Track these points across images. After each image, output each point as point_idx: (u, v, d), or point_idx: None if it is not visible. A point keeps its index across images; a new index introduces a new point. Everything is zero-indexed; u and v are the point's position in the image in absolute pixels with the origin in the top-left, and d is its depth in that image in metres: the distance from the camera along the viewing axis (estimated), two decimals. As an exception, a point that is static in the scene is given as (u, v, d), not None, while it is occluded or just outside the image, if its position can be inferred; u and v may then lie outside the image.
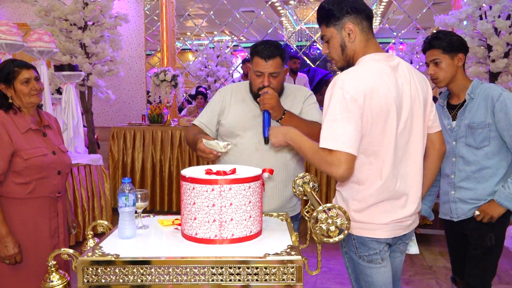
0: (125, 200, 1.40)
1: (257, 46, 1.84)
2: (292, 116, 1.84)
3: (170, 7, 6.67)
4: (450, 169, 1.98)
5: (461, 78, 1.94)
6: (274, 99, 1.77)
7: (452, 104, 2.01)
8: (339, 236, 1.22)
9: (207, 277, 1.24)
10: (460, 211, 1.98)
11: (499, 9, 3.64)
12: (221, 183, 1.33)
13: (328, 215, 1.22)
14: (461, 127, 1.94)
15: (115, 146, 4.79)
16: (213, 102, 2.00)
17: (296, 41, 10.47)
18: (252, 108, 1.92)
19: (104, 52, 4.74)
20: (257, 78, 1.84)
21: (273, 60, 1.80)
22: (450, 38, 1.89)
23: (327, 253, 3.53)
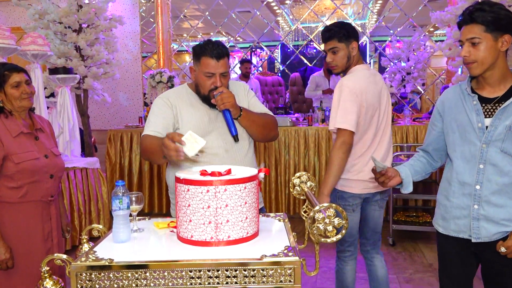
0: (119, 203, 1.38)
1: (204, 46, 1.77)
2: (248, 112, 1.85)
3: (166, 9, 6.65)
4: (474, 178, 1.58)
5: (502, 66, 1.54)
6: (232, 97, 1.76)
7: (483, 96, 1.59)
8: (337, 236, 1.20)
9: (203, 280, 1.22)
10: (483, 232, 1.59)
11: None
12: (216, 184, 1.31)
13: (325, 215, 1.20)
14: (499, 129, 1.53)
15: (112, 149, 4.77)
16: (160, 110, 1.83)
17: (292, 40, 10.46)
18: (205, 112, 1.86)
19: (99, 54, 4.71)
20: (207, 79, 1.78)
21: (223, 59, 1.77)
22: (497, 13, 1.47)
23: (327, 252, 3.51)
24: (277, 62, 10.52)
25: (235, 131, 1.79)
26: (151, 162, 1.82)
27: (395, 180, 1.74)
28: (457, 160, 1.64)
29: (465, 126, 1.61)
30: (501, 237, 1.57)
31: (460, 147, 1.63)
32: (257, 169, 1.46)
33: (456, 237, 1.66)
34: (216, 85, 1.78)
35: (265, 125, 1.90)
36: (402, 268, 3.21)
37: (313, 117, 4.63)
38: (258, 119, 1.89)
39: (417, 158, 1.83)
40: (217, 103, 1.77)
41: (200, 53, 1.79)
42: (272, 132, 1.96)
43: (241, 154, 1.90)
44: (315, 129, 4.39)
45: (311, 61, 7.23)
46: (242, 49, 9.18)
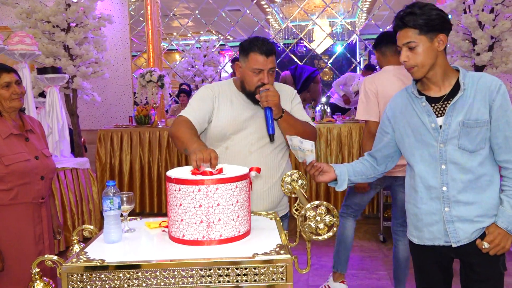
0: (110, 203, 1.37)
1: (254, 42, 1.76)
2: (289, 115, 1.82)
3: (155, 7, 6.61)
4: (439, 179, 1.55)
5: (443, 64, 1.54)
6: (277, 96, 1.73)
7: (431, 96, 1.57)
8: (328, 233, 1.21)
9: (196, 279, 1.22)
10: (461, 234, 1.54)
11: (483, 3, 3.66)
12: (208, 183, 1.31)
13: (317, 213, 1.21)
14: (452, 126, 1.51)
15: (102, 148, 4.73)
16: (202, 98, 1.84)
17: (283, 39, 10.47)
18: (242, 110, 1.85)
19: (88, 53, 4.67)
20: (254, 76, 1.77)
21: (272, 56, 1.76)
22: (428, 14, 1.47)
23: (319, 250, 3.53)
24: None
25: (272, 130, 1.76)
26: (173, 143, 1.81)
27: (327, 176, 1.68)
28: (418, 165, 1.59)
29: (419, 129, 1.58)
30: (478, 235, 1.54)
31: (419, 151, 1.59)
32: (248, 168, 1.46)
33: (432, 245, 1.60)
34: (263, 82, 1.77)
35: (303, 133, 1.77)
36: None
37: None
38: (298, 125, 1.84)
39: (360, 160, 1.80)
40: (261, 99, 1.74)
41: (248, 48, 1.77)
42: None
43: (265, 158, 1.85)
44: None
45: (301, 59, 7.24)
46: (232, 47, 9.16)
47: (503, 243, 1.50)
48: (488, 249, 1.51)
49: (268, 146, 1.85)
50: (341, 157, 4.36)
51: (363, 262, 3.29)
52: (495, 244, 1.50)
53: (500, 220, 1.50)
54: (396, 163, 1.79)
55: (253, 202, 1.83)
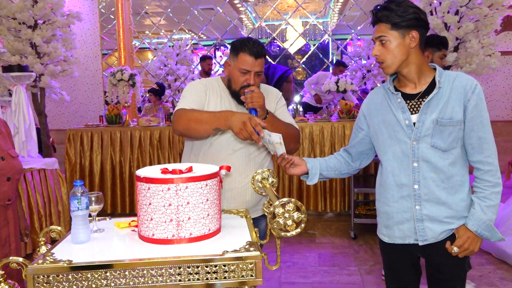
0: (77, 203, 1.35)
1: (245, 42, 1.77)
2: (274, 117, 1.83)
3: (126, 5, 6.51)
4: (411, 177, 1.54)
5: (417, 61, 1.52)
6: (262, 98, 1.73)
7: (407, 93, 1.57)
8: (296, 230, 1.23)
9: (165, 278, 1.22)
10: (429, 233, 1.54)
11: (448, 5, 3.78)
12: (177, 182, 1.31)
13: (285, 210, 1.23)
14: (426, 124, 1.51)
15: (72, 148, 4.63)
16: (196, 91, 1.86)
17: (256, 38, 10.50)
18: (230, 107, 1.85)
19: (56, 51, 4.55)
20: (241, 76, 1.78)
21: (260, 59, 1.77)
22: (403, 11, 1.47)
23: (291, 247, 3.57)
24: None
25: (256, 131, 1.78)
26: (188, 134, 1.76)
27: (299, 169, 1.70)
28: (390, 162, 1.59)
29: (393, 125, 1.57)
30: (446, 236, 1.54)
31: (391, 148, 1.58)
32: (218, 167, 1.47)
33: (403, 243, 1.60)
34: (249, 83, 1.78)
35: (287, 135, 1.79)
36: (364, 260, 3.31)
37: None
38: (282, 126, 1.84)
39: (335, 155, 1.80)
40: (245, 101, 1.74)
41: (239, 48, 1.78)
42: (292, 144, 1.92)
43: (248, 155, 1.87)
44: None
45: (275, 58, 7.28)
46: (205, 46, 9.12)
47: (472, 246, 1.50)
48: (457, 253, 1.50)
49: (252, 146, 1.87)
50: (313, 155, 4.42)
51: (334, 259, 3.35)
52: (464, 248, 1.50)
53: (470, 223, 1.49)
54: (371, 160, 1.79)
55: (236, 200, 1.85)
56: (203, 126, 1.69)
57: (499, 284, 2.84)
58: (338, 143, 4.38)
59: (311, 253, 3.46)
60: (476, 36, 3.90)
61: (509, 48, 6.11)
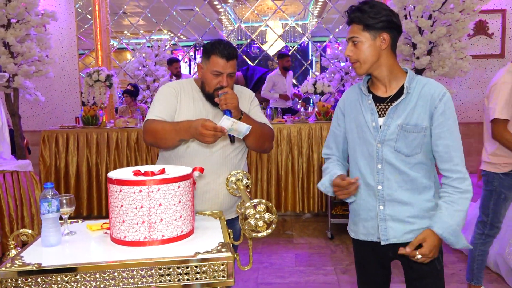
0: (48, 206, 1.34)
1: (216, 44, 1.78)
2: (248, 117, 1.85)
3: (103, 5, 6.44)
4: (375, 178, 1.57)
5: (388, 64, 1.54)
6: (236, 99, 1.75)
7: (378, 96, 1.59)
8: (267, 230, 1.25)
9: (136, 280, 1.22)
10: (391, 233, 1.56)
11: (422, 9, 3.87)
12: (149, 184, 1.31)
13: (256, 211, 1.25)
14: (391, 128, 1.53)
15: (47, 150, 4.55)
16: (167, 96, 1.87)
17: (236, 39, 10.51)
18: (204, 109, 1.87)
19: (30, 51, 4.46)
20: (214, 78, 1.79)
21: (232, 60, 1.79)
22: (376, 12, 1.49)
23: (269, 248, 3.59)
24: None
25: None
26: (156, 146, 1.79)
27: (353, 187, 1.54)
28: (359, 161, 1.62)
29: (362, 126, 1.59)
30: (409, 237, 1.54)
31: (359, 147, 1.61)
32: (191, 169, 1.47)
33: (366, 240, 1.63)
34: (222, 85, 1.78)
35: (261, 135, 1.88)
36: (339, 260, 3.36)
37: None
38: (256, 127, 1.85)
39: (335, 163, 1.72)
40: (220, 103, 1.75)
41: (210, 51, 1.78)
42: (267, 143, 1.95)
43: (225, 157, 1.88)
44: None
45: (254, 60, 7.30)
46: (184, 47, 9.08)
47: (433, 252, 1.48)
48: (421, 260, 1.47)
49: (228, 147, 1.88)
50: (291, 157, 4.45)
51: (311, 259, 3.38)
52: (426, 256, 1.47)
53: (436, 226, 1.47)
54: None
55: (211, 201, 1.86)
56: (168, 138, 1.71)
57: (470, 281, 2.91)
58: (315, 144, 4.43)
59: (288, 254, 3.49)
60: (449, 40, 4.00)
61: (481, 52, 6.28)
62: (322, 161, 4.35)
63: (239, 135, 1.64)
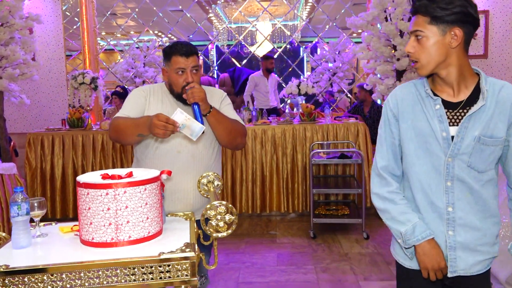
0: (17, 209, 1.38)
1: (174, 46, 1.87)
2: (218, 112, 1.90)
3: (90, 7, 6.46)
4: (444, 198, 1.33)
5: (459, 64, 1.29)
6: (203, 92, 1.82)
7: (446, 100, 1.33)
8: (227, 231, 1.30)
9: (102, 280, 1.26)
10: (460, 264, 1.35)
11: (401, 12, 3.94)
12: (116, 187, 1.35)
13: (217, 212, 1.30)
14: (466, 140, 1.29)
15: (32, 153, 4.57)
16: (135, 98, 1.95)
17: (227, 40, 10.56)
18: (172, 110, 1.86)
19: (14, 54, 4.48)
20: (179, 77, 1.86)
21: (192, 56, 1.86)
22: (447, 1, 1.23)
23: (251, 248, 3.64)
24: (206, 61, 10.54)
25: (201, 123, 1.78)
26: (119, 142, 1.86)
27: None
28: (419, 177, 1.37)
29: (426, 136, 1.34)
30: (477, 268, 1.36)
31: (420, 160, 1.36)
32: (159, 171, 1.52)
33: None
34: (188, 81, 1.85)
35: (232, 130, 1.93)
36: (320, 258, 3.41)
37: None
38: (227, 122, 1.92)
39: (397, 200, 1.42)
40: (187, 97, 1.81)
41: (170, 53, 1.87)
42: (239, 139, 1.98)
43: (194, 157, 1.93)
44: (241, 129, 4.50)
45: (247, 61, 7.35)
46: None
47: None
48: None
49: (197, 146, 1.92)
50: (276, 157, 4.51)
51: (292, 258, 3.44)
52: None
53: None
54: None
55: (181, 202, 1.91)
56: (128, 133, 1.78)
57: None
58: (299, 145, 4.48)
59: (271, 253, 3.55)
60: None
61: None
62: (307, 161, 4.41)
63: (192, 136, 1.65)
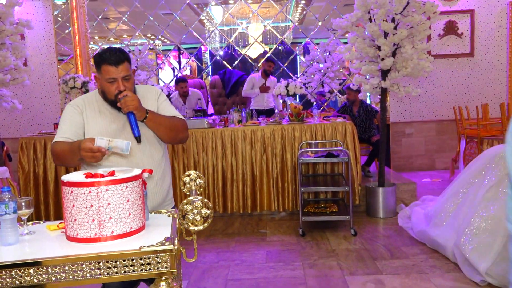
0: (5, 208, 1.45)
1: (102, 54, 1.88)
2: (154, 114, 1.97)
3: (81, 12, 6.52)
4: None
5: None
6: (136, 100, 1.86)
7: None
8: (204, 224, 1.38)
9: (85, 273, 1.34)
10: None
11: (384, 13, 4.03)
12: (98, 185, 1.43)
13: (194, 206, 1.37)
14: None
15: (25, 157, 4.63)
16: (70, 116, 1.95)
17: (220, 42, 10.64)
18: (112, 119, 1.97)
19: (5, 60, 4.55)
20: (110, 86, 1.90)
21: (122, 64, 1.88)
22: None
23: (241, 246, 3.71)
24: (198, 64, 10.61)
25: (137, 132, 1.90)
26: (65, 166, 1.91)
27: None
28: None
29: None
30: None
31: None
32: (140, 170, 1.59)
33: None
34: (119, 90, 1.89)
35: (172, 128, 2.01)
36: (308, 255, 3.49)
37: (229, 118, 4.82)
38: (165, 121, 1.99)
39: None
40: (121, 106, 1.87)
41: (99, 61, 1.89)
42: (180, 134, 2.07)
43: (146, 158, 2.00)
44: (231, 130, 4.58)
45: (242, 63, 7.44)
46: (163, 51, 9.17)
47: None
48: None
49: (145, 148, 1.99)
50: (266, 157, 4.58)
51: (281, 255, 3.51)
52: None
53: None
54: None
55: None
56: (68, 159, 1.84)
57: (429, 271, 3.07)
58: (288, 145, 4.56)
59: (260, 251, 3.62)
60: (412, 42, 4.17)
61: (452, 51, 6.49)
62: (296, 160, 4.49)
63: (122, 151, 1.72)
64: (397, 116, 6.59)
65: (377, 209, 4.43)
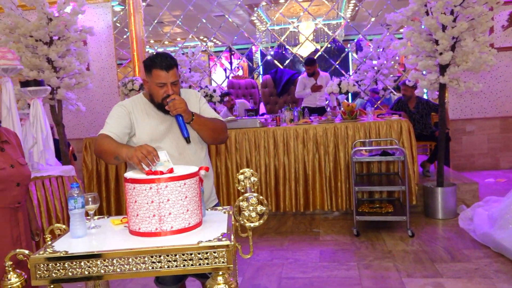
0: (74, 203, 1.55)
1: (154, 59, 1.95)
2: (199, 116, 2.05)
3: (139, 17, 6.80)
4: None
5: None
6: (183, 103, 1.95)
7: None
8: (259, 221, 1.39)
9: (147, 265, 1.40)
10: None
11: (442, 5, 3.86)
12: (158, 182, 1.49)
13: (249, 203, 1.39)
14: None
15: (89, 156, 4.90)
16: (117, 115, 2.01)
17: (270, 42, 10.69)
18: (160, 120, 2.05)
19: (71, 65, 4.84)
20: (159, 89, 1.97)
21: (172, 70, 1.95)
22: None
23: (295, 245, 3.71)
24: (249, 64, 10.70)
25: (186, 133, 2.00)
26: (101, 159, 2.01)
27: None
28: None
29: None
30: None
31: None
32: (197, 168, 1.64)
33: None
34: (168, 93, 1.98)
35: (214, 129, 2.12)
36: (363, 256, 3.42)
37: (281, 117, 4.83)
38: (209, 123, 2.10)
39: None
40: (170, 109, 1.96)
41: (150, 66, 1.97)
42: (222, 135, 2.18)
43: (194, 156, 2.09)
44: (283, 129, 4.59)
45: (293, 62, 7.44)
46: (215, 52, 9.33)
47: None
48: None
49: (192, 147, 2.07)
50: (318, 156, 4.55)
51: (335, 255, 3.47)
52: None
53: None
54: None
55: None
56: (107, 155, 1.88)
57: (494, 276, 2.91)
58: (341, 143, 4.49)
59: (313, 250, 3.60)
60: (473, 34, 3.96)
61: (516, 43, 6.09)
62: (349, 159, 4.41)
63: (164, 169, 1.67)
64: (457, 113, 6.29)
65: (436, 210, 4.26)
